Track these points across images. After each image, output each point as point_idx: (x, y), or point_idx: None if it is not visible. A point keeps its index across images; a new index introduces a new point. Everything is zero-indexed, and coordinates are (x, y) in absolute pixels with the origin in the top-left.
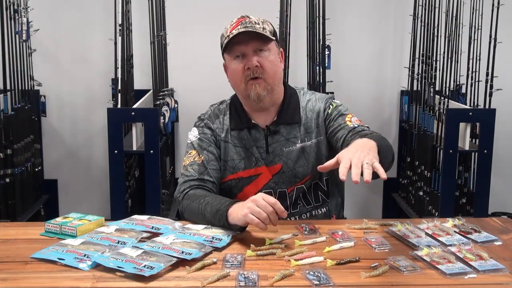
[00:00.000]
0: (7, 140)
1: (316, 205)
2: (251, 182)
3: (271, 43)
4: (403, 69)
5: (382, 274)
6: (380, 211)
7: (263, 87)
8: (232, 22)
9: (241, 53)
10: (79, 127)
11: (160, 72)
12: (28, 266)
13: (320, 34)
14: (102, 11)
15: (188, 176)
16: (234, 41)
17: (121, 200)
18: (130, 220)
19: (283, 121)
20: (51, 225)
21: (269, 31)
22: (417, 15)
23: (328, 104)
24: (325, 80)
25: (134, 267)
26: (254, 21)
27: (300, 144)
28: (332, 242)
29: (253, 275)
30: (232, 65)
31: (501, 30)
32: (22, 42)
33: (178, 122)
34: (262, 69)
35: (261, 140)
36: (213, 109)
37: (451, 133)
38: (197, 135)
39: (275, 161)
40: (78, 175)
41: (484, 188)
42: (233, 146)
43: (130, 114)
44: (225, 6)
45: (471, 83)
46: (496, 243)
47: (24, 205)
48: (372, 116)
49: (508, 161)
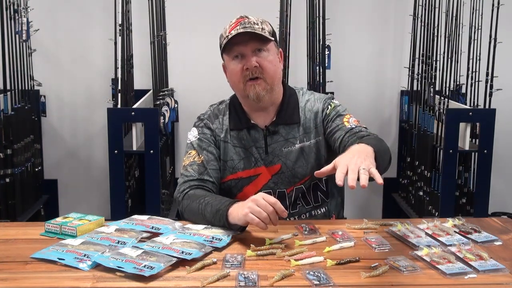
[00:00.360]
0: (7, 140)
1: (315, 205)
2: (250, 182)
3: (270, 43)
4: (403, 69)
5: (382, 274)
6: (380, 211)
7: (263, 87)
8: (231, 23)
9: (240, 54)
10: (79, 127)
11: (160, 72)
12: (28, 266)
13: (320, 34)
14: (102, 11)
15: (188, 176)
16: (233, 41)
17: (121, 200)
18: (130, 220)
19: (282, 122)
20: (51, 225)
21: (268, 32)
22: (417, 15)
23: (326, 105)
24: (325, 80)
25: (134, 267)
26: (253, 21)
27: (299, 144)
28: (332, 242)
29: (253, 275)
30: (231, 66)
31: (501, 30)
32: (22, 42)
33: (178, 122)
34: (262, 69)
35: (260, 140)
36: (213, 109)
37: (451, 133)
38: (197, 135)
39: (274, 161)
40: (78, 175)
41: (484, 188)
42: (233, 146)
43: (130, 114)
44: (225, 6)
45: (471, 83)
46: (496, 243)
47: (24, 205)
48: (372, 116)
49: (508, 161)
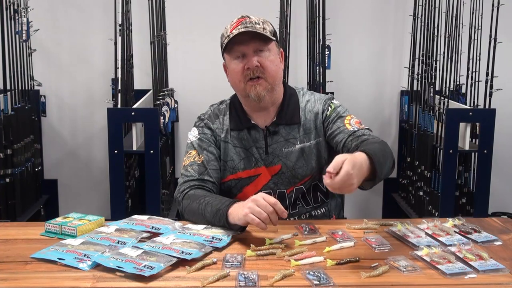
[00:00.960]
0: (7, 140)
1: (315, 206)
2: (250, 182)
3: (272, 43)
4: (403, 69)
5: (382, 274)
6: (380, 211)
7: (264, 87)
8: (232, 22)
9: (241, 53)
10: (79, 127)
11: (160, 72)
12: (28, 266)
13: (320, 34)
14: (102, 11)
15: (188, 176)
16: (234, 41)
17: (121, 200)
18: (130, 220)
19: (283, 122)
20: (51, 225)
21: (270, 31)
22: (417, 15)
23: (326, 106)
24: (325, 80)
25: (134, 267)
26: (254, 21)
27: (299, 145)
28: (332, 242)
29: (253, 275)
30: (232, 65)
31: (501, 30)
32: (22, 42)
33: (178, 122)
34: (263, 68)
35: (261, 140)
36: (213, 109)
37: (451, 133)
38: (197, 135)
39: (274, 161)
40: (78, 175)
41: (484, 188)
42: (233, 146)
43: (130, 114)
44: (225, 6)
45: (471, 83)
46: (496, 243)
47: (24, 205)
48: (372, 116)
49: (508, 161)
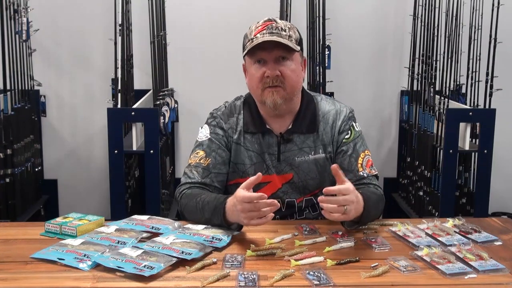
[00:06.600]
0: (7, 140)
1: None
2: (259, 189)
3: (296, 52)
4: (403, 69)
5: (382, 274)
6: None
7: (281, 95)
8: (257, 24)
9: (263, 59)
10: (79, 127)
11: (160, 72)
12: (28, 266)
13: (320, 34)
14: (102, 11)
15: (191, 178)
16: (257, 45)
17: (121, 200)
18: (130, 220)
19: (298, 130)
20: (51, 225)
21: (295, 39)
22: (417, 15)
23: (347, 128)
24: (325, 80)
25: (134, 267)
26: (281, 27)
27: (313, 155)
28: (332, 242)
29: (253, 275)
30: (251, 70)
31: (501, 30)
32: (22, 42)
33: (178, 122)
34: (283, 78)
35: (274, 147)
36: (227, 105)
37: (451, 133)
38: (208, 135)
39: (286, 170)
40: (78, 175)
41: (484, 188)
42: (245, 149)
43: (130, 114)
44: (225, 6)
45: (471, 83)
46: (496, 243)
47: (24, 205)
48: (372, 116)
49: (508, 161)
